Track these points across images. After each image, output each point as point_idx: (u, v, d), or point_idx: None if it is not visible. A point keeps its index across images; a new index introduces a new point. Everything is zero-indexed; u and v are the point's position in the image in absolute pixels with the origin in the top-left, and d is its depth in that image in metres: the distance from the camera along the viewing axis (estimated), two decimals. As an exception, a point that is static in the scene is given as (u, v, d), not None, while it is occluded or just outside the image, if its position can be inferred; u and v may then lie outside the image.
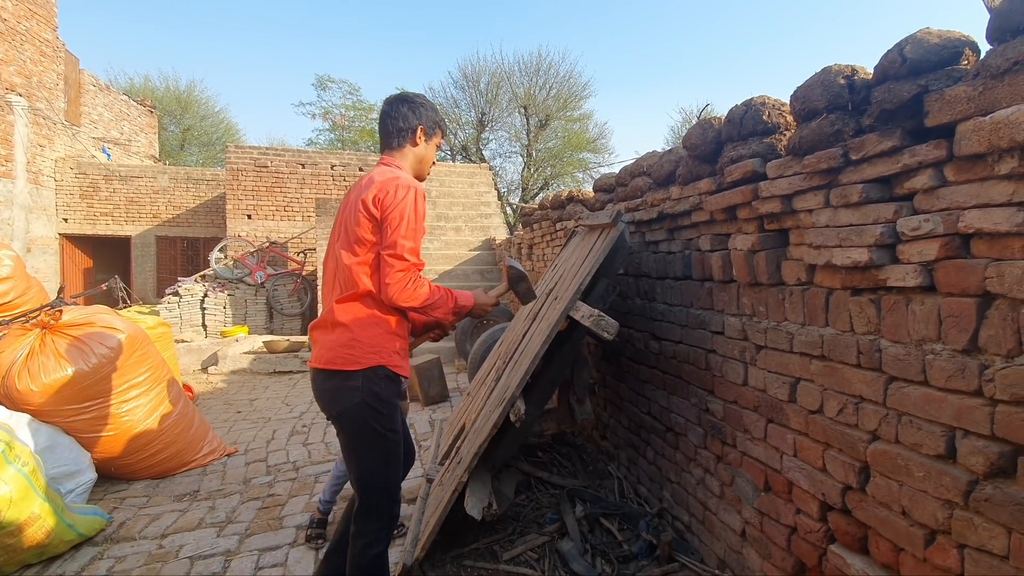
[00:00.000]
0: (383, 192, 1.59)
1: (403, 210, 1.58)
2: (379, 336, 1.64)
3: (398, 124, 1.76)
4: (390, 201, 1.58)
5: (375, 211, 1.59)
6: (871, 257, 1.34)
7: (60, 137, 11.15)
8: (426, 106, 1.80)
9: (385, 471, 1.69)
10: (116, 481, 3.21)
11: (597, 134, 20.90)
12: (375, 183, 1.62)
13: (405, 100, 1.79)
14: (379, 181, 1.62)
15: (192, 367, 6.62)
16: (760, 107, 1.72)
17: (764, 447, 1.83)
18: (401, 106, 1.77)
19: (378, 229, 1.60)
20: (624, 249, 2.38)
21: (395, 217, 1.57)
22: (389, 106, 1.79)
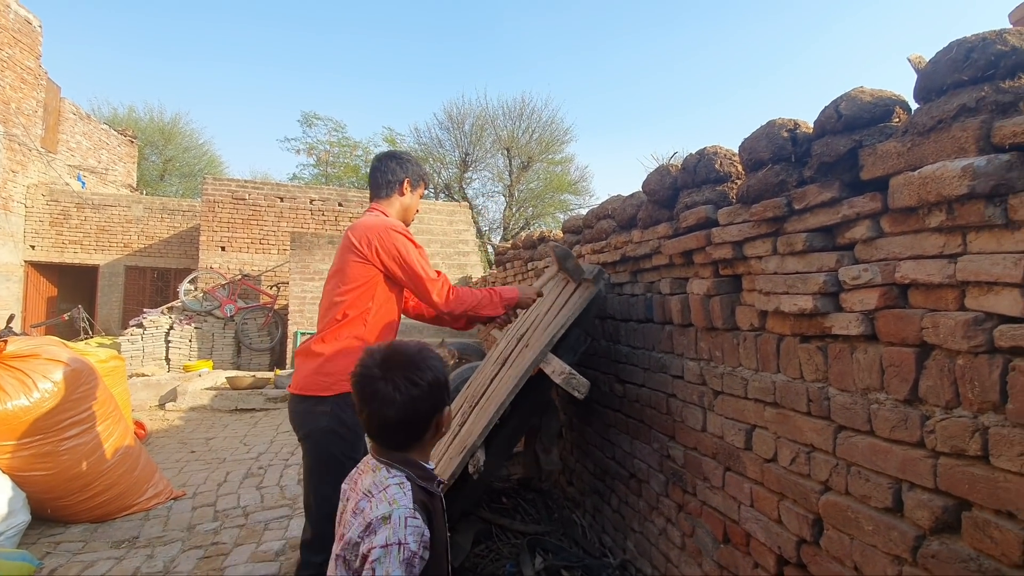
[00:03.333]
0: (374, 235, 1.82)
1: (403, 247, 1.83)
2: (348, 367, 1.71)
3: (387, 176, 2.00)
4: (383, 243, 1.82)
5: (366, 250, 1.81)
6: (816, 305, 1.35)
7: (35, 164, 10.98)
8: (412, 161, 2.06)
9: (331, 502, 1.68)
10: (52, 523, 2.99)
11: (578, 176, 21.44)
12: (365, 227, 1.85)
13: (394, 156, 2.05)
14: (368, 225, 1.85)
15: (149, 403, 6.34)
16: (712, 156, 1.76)
17: (723, 496, 1.79)
18: (390, 161, 2.02)
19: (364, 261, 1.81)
20: (600, 302, 2.38)
21: (402, 255, 1.83)
22: (379, 161, 2.04)
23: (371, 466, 1.08)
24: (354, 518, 0.99)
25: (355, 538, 0.96)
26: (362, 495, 1.02)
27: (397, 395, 1.01)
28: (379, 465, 1.06)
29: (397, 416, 1.02)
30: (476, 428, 2.06)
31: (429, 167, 20.64)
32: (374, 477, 1.04)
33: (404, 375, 1.02)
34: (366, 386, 1.04)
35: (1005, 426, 0.98)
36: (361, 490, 1.04)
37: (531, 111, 19.73)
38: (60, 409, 2.85)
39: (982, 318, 1.01)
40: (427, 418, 1.06)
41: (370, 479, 1.04)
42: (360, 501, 1.01)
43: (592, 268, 2.22)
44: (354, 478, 1.13)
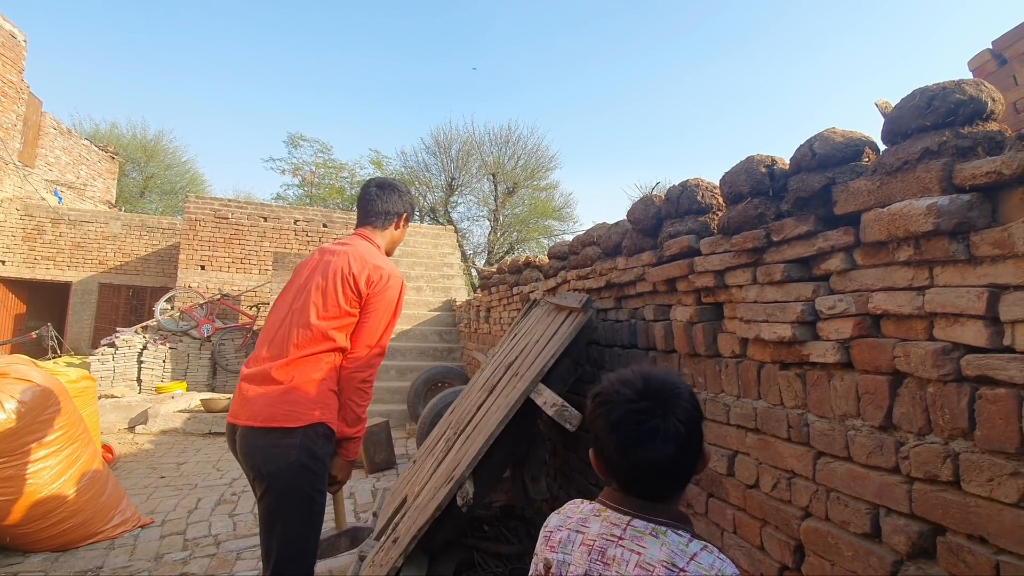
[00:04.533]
0: (384, 279, 1.73)
1: (391, 301, 1.75)
2: (325, 392, 1.65)
3: (387, 207, 1.90)
4: (381, 289, 1.72)
5: (365, 289, 1.71)
6: (794, 333, 1.40)
7: (11, 177, 10.76)
8: (409, 195, 1.99)
9: (307, 536, 1.62)
10: (11, 552, 2.85)
11: (562, 203, 21.76)
12: (367, 265, 1.74)
13: (395, 188, 1.95)
14: (371, 264, 1.74)
15: (118, 425, 6.12)
16: (695, 188, 1.83)
17: (706, 523, 1.80)
18: (392, 193, 1.92)
19: (358, 302, 1.71)
20: (590, 331, 2.41)
21: (384, 307, 1.72)
22: (379, 188, 1.92)
23: (640, 530, 0.83)
24: None
25: None
26: (655, 570, 0.78)
27: (682, 428, 0.83)
28: (658, 528, 0.83)
29: (677, 455, 0.83)
30: (464, 458, 2.05)
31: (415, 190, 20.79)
32: (660, 545, 0.81)
33: (679, 404, 0.85)
34: (641, 424, 0.82)
35: (974, 452, 1.02)
36: (645, 564, 0.80)
37: (517, 138, 20.12)
38: (26, 431, 2.74)
39: (950, 348, 1.06)
40: (698, 453, 0.88)
41: (656, 550, 0.80)
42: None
43: (581, 297, 2.26)
44: (598, 547, 0.84)
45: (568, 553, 0.86)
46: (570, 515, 0.92)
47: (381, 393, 6.42)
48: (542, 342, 2.36)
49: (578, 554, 0.85)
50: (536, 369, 2.07)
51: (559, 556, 0.87)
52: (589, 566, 0.83)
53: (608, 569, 0.82)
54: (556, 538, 0.89)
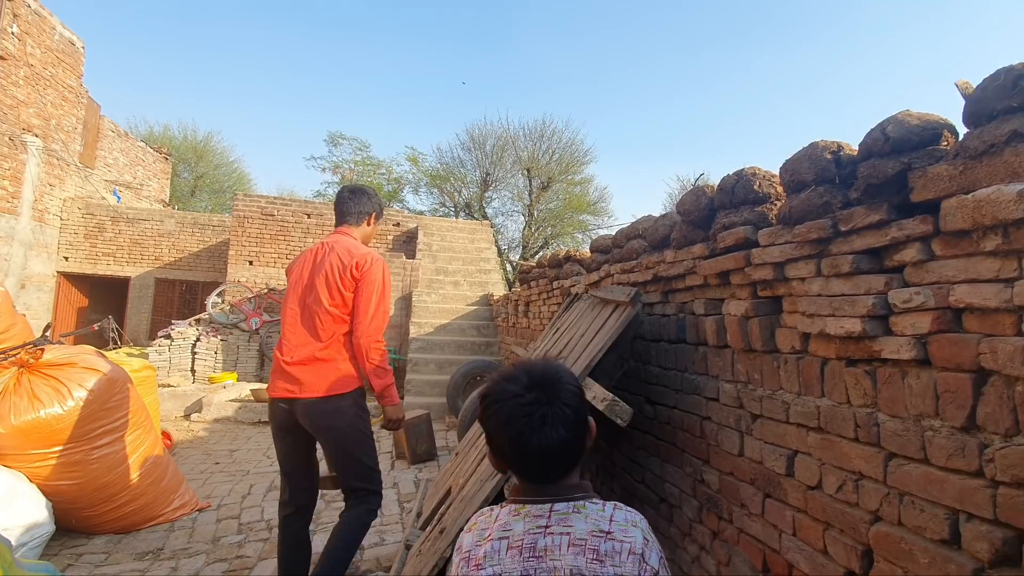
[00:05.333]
0: (367, 260, 2.16)
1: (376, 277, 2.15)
2: (353, 367, 2.17)
3: (359, 208, 2.35)
4: (367, 270, 2.14)
5: (357, 275, 2.14)
6: (864, 328, 1.32)
7: (72, 178, 11.41)
8: (377, 197, 2.44)
9: (374, 458, 2.25)
10: (75, 535, 3.03)
11: (597, 197, 21.50)
12: (355, 254, 2.16)
13: (364, 192, 2.41)
14: (359, 253, 2.17)
15: (174, 413, 6.44)
16: (751, 177, 1.76)
17: (762, 524, 1.74)
18: (362, 196, 2.38)
19: (353, 286, 2.14)
20: (636, 325, 2.36)
21: (372, 282, 2.14)
22: (351, 193, 2.39)
23: (563, 511, 0.87)
24: (605, 566, 0.81)
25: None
26: (588, 542, 0.83)
27: (569, 411, 0.88)
28: (577, 504, 0.88)
29: (568, 436, 0.87)
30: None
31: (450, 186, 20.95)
32: (584, 518, 0.86)
33: (563, 389, 0.89)
34: (531, 415, 0.86)
35: (1076, 457, 0.94)
36: (576, 540, 0.83)
37: (551, 132, 19.96)
38: (93, 417, 2.90)
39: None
40: (586, 429, 0.93)
41: (582, 523, 0.85)
42: (597, 547, 0.83)
43: (629, 290, 2.21)
44: (527, 544, 0.85)
45: (498, 563, 0.84)
46: (484, 527, 0.90)
47: (421, 386, 6.52)
48: (588, 336, 2.33)
49: (509, 559, 0.84)
50: (583, 363, 2.04)
51: (491, 570, 0.84)
52: (523, 566, 0.83)
53: (543, 561, 0.83)
54: (480, 554, 0.86)
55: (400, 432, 4.58)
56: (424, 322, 7.69)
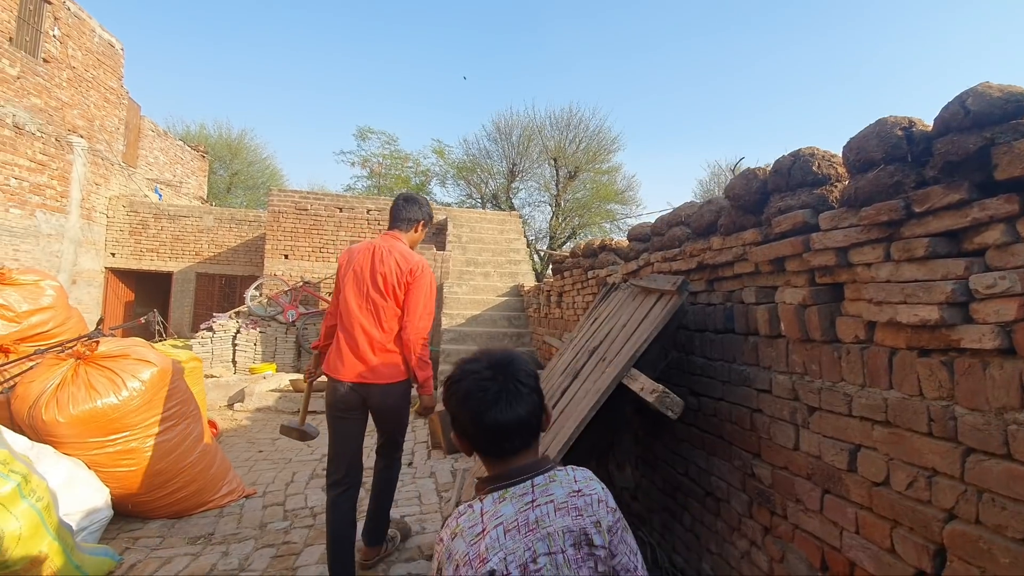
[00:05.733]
0: (419, 268, 2.42)
1: (429, 282, 2.44)
2: (402, 356, 2.43)
3: (409, 215, 2.57)
4: (420, 275, 2.41)
5: (410, 280, 2.39)
6: (942, 316, 1.24)
7: (116, 177, 11.86)
8: (427, 207, 2.64)
9: (404, 432, 2.64)
10: (132, 519, 3.16)
11: (625, 186, 21.17)
12: (412, 260, 2.43)
13: (416, 201, 2.62)
14: (414, 259, 2.44)
15: (219, 403, 6.65)
16: (809, 158, 1.67)
17: (820, 520, 1.67)
18: (414, 205, 2.60)
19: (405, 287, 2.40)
20: (682, 315, 2.30)
21: (424, 287, 2.42)
22: (405, 201, 2.60)
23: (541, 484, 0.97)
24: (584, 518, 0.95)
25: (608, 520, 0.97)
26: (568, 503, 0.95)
27: (523, 388, 0.98)
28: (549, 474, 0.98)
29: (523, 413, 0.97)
30: (553, 444, 2.02)
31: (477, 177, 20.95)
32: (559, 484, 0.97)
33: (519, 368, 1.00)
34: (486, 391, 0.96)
35: None
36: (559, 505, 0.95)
37: (578, 121, 19.69)
38: (147, 407, 3.01)
39: None
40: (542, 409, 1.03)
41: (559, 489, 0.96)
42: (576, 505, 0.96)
43: (674, 279, 2.14)
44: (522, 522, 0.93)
45: (500, 549, 0.89)
46: (474, 523, 0.94)
47: (454, 377, 6.56)
48: (630, 326, 2.28)
49: (510, 541, 0.90)
50: (628, 354, 2.00)
51: (497, 556, 0.88)
52: (524, 542, 0.90)
53: (538, 531, 0.91)
54: (481, 548, 0.90)
55: (435, 423, 4.62)
56: (455, 313, 7.73)
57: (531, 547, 0.90)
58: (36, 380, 2.83)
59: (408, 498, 3.61)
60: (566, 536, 0.93)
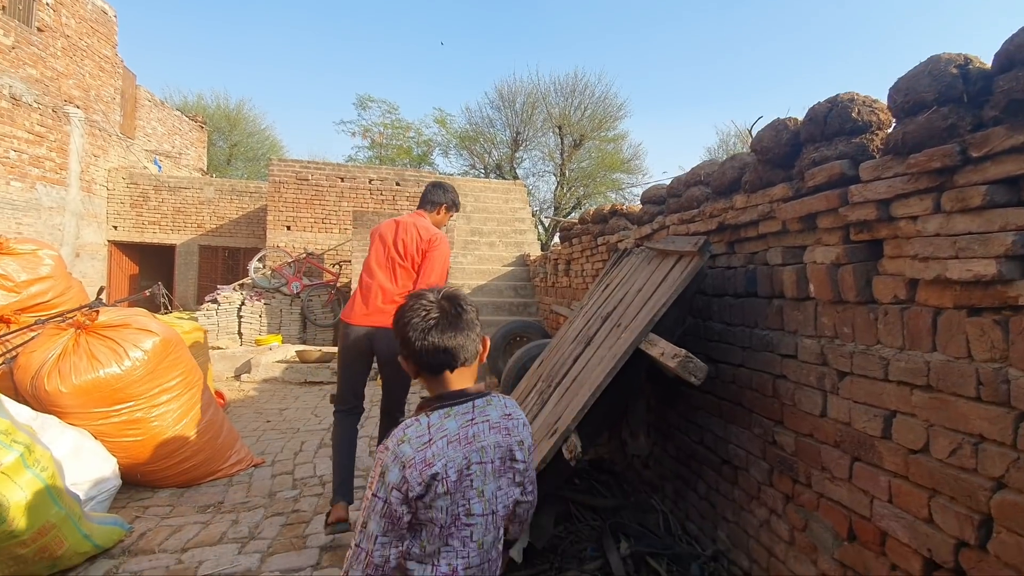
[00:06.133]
0: (437, 238, 2.75)
1: (444, 251, 2.75)
2: None
3: (434, 199, 2.91)
4: (437, 244, 2.73)
5: (426, 247, 2.72)
6: (999, 270, 1.13)
7: (114, 148, 11.67)
8: (452, 193, 2.96)
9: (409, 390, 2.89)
10: (141, 488, 3.15)
11: (631, 155, 20.76)
12: (431, 232, 2.77)
13: (443, 188, 2.95)
14: (432, 231, 2.77)
15: (225, 374, 6.66)
16: (848, 104, 1.54)
17: (848, 489, 1.60)
18: (440, 190, 2.93)
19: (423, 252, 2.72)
20: (701, 278, 2.19)
21: (439, 255, 2.73)
22: (433, 187, 2.94)
23: (480, 405, 1.12)
24: (511, 437, 1.13)
25: (529, 441, 1.17)
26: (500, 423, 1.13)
27: (462, 312, 1.12)
28: (488, 398, 1.14)
29: (459, 336, 1.10)
30: (567, 411, 1.95)
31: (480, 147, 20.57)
32: (495, 407, 1.14)
33: (457, 298, 1.15)
34: (428, 313, 1.10)
35: None
36: (494, 424, 1.12)
37: (584, 86, 19.16)
38: (150, 377, 2.96)
39: None
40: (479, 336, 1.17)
41: (494, 411, 1.13)
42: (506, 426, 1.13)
43: (695, 239, 2.03)
44: (462, 436, 1.08)
45: (444, 455, 1.04)
46: (422, 434, 1.06)
47: (460, 347, 6.52)
48: (647, 290, 2.18)
49: (452, 451, 1.05)
50: (645, 319, 1.90)
51: (440, 462, 1.03)
52: (463, 452, 1.06)
53: (474, 444, 1.08)
54: (429, 454, 1.04)
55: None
56: (461, 283, 7.65)
57: (467, 456, 1.06)
58: (37, 350, 2.77)
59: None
60: (495, 450, 1.10)
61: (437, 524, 1.04)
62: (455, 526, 1.05)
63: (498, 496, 1.10)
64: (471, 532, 1.06)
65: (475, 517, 1.06)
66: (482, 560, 1.09)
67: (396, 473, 1.02)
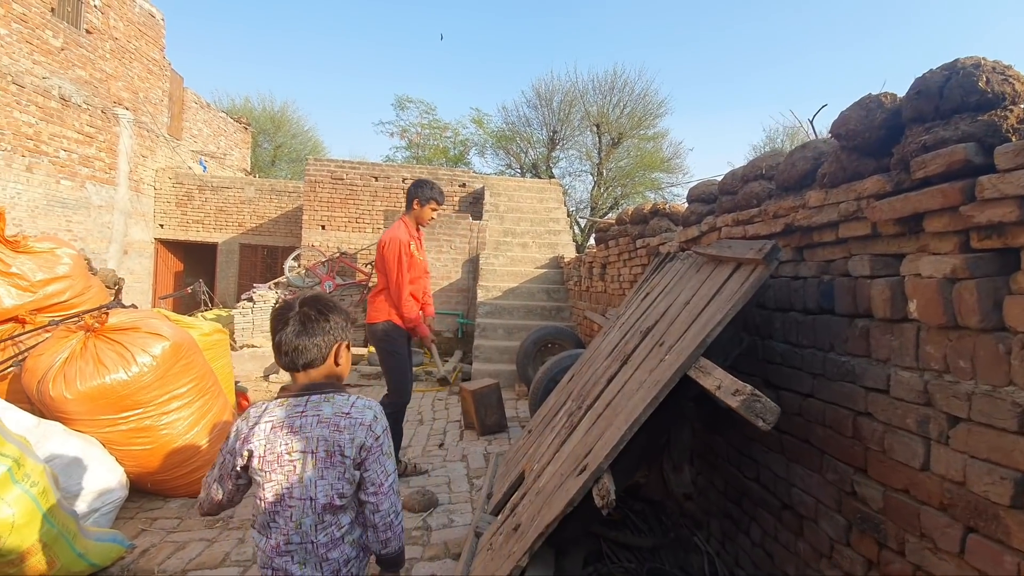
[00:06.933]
0: (382, 242, 3.22)
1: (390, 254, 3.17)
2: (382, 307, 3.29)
3: (409, 198, 3.32)
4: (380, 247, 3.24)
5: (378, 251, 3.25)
6: None
7: (162, 149, 12.02)
8: (425, 187, 3.27)
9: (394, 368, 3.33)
10: (152, 497, 3.03)
11: (671, 153, 20.08)
12: (383, 237, 3.24)
13: (415, 184, 3.31)
14: (384, 236, 3.24)
15: (255, 373, 6.64)
16: (973, 70, 1.18)
17: (958, 566, 1.25)
18: (412, 188, 3.32)
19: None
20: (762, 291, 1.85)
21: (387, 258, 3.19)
22: (410, 186, 3.32)
23: (316, 401, 1.25)
24: (342, 434, 1.23)
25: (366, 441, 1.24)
26: (332, 419, 1.24)
27: (311, 312, 1.27)
28: (328, 396, 1.27)
29: (308, 343, 1.26)
30: (599, 444, 1.65)
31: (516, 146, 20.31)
32: (331, 405, 1.26)
33: (316, 300, 1.32)
34: (283, 315, 1.28)
35: None
36: (324, 419, 1.24)
37: (623, 83, 18.65)
38: (159, 383, 2.83)
39: None
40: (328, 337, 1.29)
41: (329, 408, 1.25)
42: (337, 423, 1.24)
43: (760, 244, 1.69)
44: (287, 424, 1.23)
45: (264, 437, 1.21)
46: (256, 415, 1.25)
47: (489, 352, 6.27)
48: (696, 303, 1.86)
49: (272, 435, 1.21)
50: (695, 340, 1.59)
51: (258, 441, 1.21)
52: (284, 439, 1.21)
53: (299, 433, 1.21)
54: (251, 433, 1.22)
55: (468, 401, 4.34)
56: (492, 286, 7.40)
57: (288, 443, 1.20)
58: (45, 354, 2.68)
59: (437, 484, 3.36)
60: (319, 442, 1.21)
61: (263, 502, 1.21)
62: (279, 505, 1.20)
63: (319, 484, 1.20)
64: (291, 513, 1.20)
65: (295, 500, 1.20)
66: (302, 540, 1.21)
67: (231, 440, 1.27)
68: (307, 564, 1.20)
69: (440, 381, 3.76)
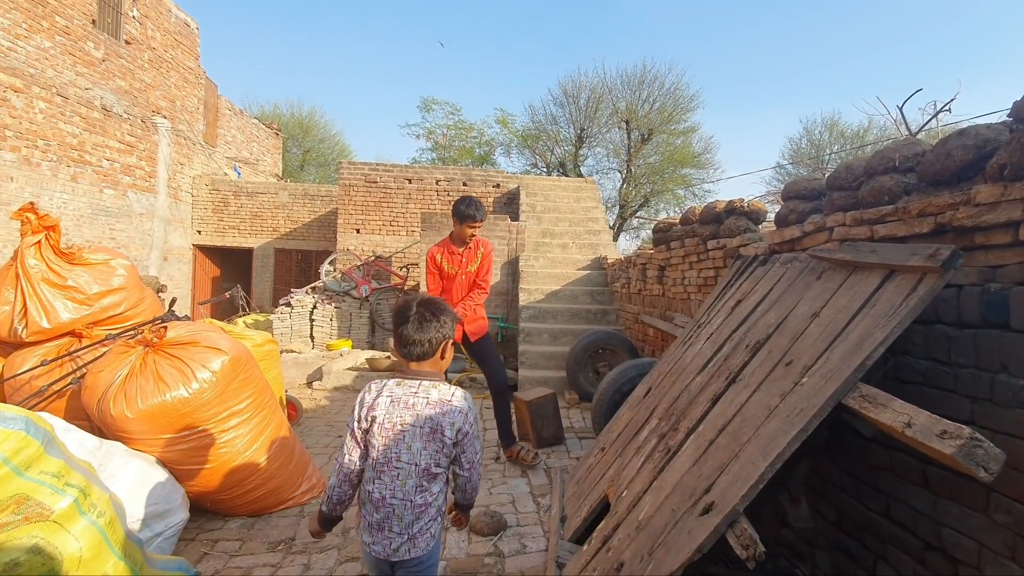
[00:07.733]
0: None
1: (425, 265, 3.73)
2: None
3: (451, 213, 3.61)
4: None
5: None
6: None
7: (198, 156, 12.19)
8: (459, 205, 3.49)
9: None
10: (211, 517, 2.93)
11: (702, 148, 19.57)
12: None
13: (456, 201, 3.53)
14: None
15: (298, 380, 6.58)
16: None
17: None
18: (454, 205, 3.54)
19: None
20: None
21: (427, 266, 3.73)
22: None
23: (426, 386, 1.53)
24: (444, 417, 1.50)
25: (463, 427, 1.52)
26: (438, 404, 1.52)
27: (426, 312, 1.54)
28: (435, 384, 1.54)
29: (423, 338, 1.54)
30: (725, 479, 1.44)
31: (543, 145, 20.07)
32: (437, 391, 1.53)
33: (431, 303, 1.56)
34: (404, 311, 1.55)
35: None
36: (431, 401, 1.51)
37: (652, 78, 18.25)
38: (219, 399, 2.71)
39: None
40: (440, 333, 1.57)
41: (436, 393, 1.52)
42: (442, 408, 1.51)
43: (933, 248, 1.44)
44: (403, 400, 1.52)
45: (385, 408, 1.50)
46: (376, 390, 1.55)
47: (535, 359, 6.07)
48: (831, 317, 1.62)
49: (392, 407, 1.50)
50: (847, 361, 1.36)
51: (381, 411, 1.50)
52: (400, 412, 1.49)
53: (411, 410, 1.49)
54: (375, 403, 1.52)
55: (524, 412, 4.16)
56: (533, 288, 7.20)
57: (402, 415, 1.49)
58: (104, 370, 2.59)
59: (502, 503, 3.18)
60: (426, 420, 1.49)
61: (376, 460, 1.48)
62: (387, 466, 1.47)
63: (422, 454, 1.47)
64: (398, 473, 1.46)
65: (403, 464, 1.46)
66: (404, 497, 1.47)
67: (357, 409, 1.54)
68: (403, 519, 1.46)
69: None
